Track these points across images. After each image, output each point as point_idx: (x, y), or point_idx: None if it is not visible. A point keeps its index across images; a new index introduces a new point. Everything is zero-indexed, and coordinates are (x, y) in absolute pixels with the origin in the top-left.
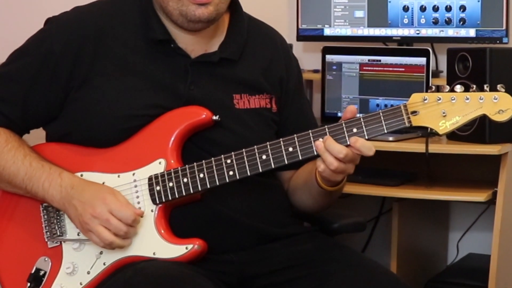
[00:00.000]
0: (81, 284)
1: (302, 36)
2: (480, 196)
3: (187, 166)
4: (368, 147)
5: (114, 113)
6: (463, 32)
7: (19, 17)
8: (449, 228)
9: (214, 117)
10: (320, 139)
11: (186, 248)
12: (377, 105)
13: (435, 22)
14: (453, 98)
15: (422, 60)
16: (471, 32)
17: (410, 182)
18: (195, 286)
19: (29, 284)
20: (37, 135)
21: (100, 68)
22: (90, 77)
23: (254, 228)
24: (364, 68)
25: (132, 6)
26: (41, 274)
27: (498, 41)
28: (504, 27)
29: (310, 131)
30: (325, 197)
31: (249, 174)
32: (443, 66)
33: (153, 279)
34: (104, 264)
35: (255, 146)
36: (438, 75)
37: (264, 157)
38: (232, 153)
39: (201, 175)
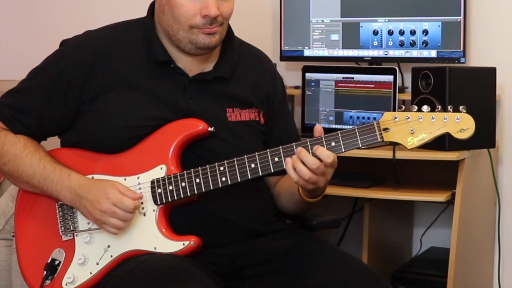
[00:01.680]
0: (91, 273)
1: (284, 57)
2: (440, 197)
3: (185, 171)
4: (326, 155)
5: (121, 124)
6: (425, 53)
7: (37, 37)
8: (414, 224)
9: (210, 129)
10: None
11: (183, 244)
12: (350, 117)
13: (401, 44)
14: (420, 117)
15: (390, 78)
16: (433, 53)
17: (379, 185)
18: (190, 275)
19: (45, 272)
20: (54, 142)
21: (108, 85)
22: (99, 93)
23: (243, 226)
24: (339, 84)
25: (136, 30)
26: (56, 263)
27: (456, 61)
28: (461, 49)
29: (294, 143)
30: (304, 205)
31: (239, 180)
32: (408, 83)
33: (153, 269)
34: (111, 256)
35: (245, 156)
36: (404, 91)
37: (253, 165)
38: (225, 161)
39: (197, 180)
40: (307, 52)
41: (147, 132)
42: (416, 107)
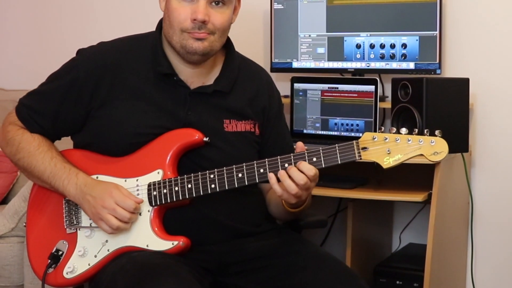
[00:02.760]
0: (89, 265)
1: (274, 68)
2: (418, 197)
3: (179, 177)
4: (309, 168)
5: (125, 130)
6: (404, 65)
7: (45, 51)
8: (393, 222)
9: (205, 139)
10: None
11: (173, 243)
12: (335, 123)
13: (382, 57)
14: (397, 139)
15: (371, 88)
16: (411, 65)
17: (362, 186)
18: (171, 271)
19: (49, 261)
20: (68, 142)
21: (116, 93)
22: (107, 100)
23: (231, 227)
24: (325, 94)
25: (145, 44)
26: (59, 254)
27: (432, 72)
28: (437, 61)
29: (278, 157)
30: (291, 214)
31: (227, 188)
32: (388, 92)
33: (140, 265)
34: (108, 250)
35: (234, 166)
36: (384, 100)
37: (240, 175)
38: (215, 170)
39: (189, 186)
40: (295, 64)
41: (149, 139)
42: (394, 129)
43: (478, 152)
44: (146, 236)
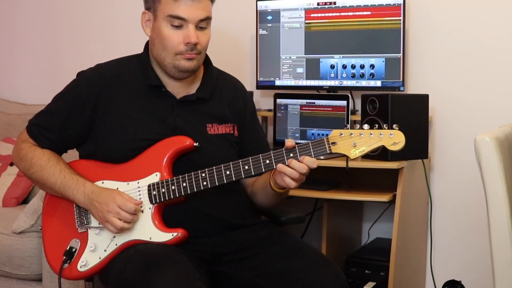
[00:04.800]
0: (100, 258)
1: (260, 85)
2: (384, 198)
3: (174, 177)
4: (312, 161)
5: (124, 138)
6: (372, 83)
7: (67, 68)
8: (363, 220)
9: (195, 144)
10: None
11: (172, 235)
12: (312, 134)
13: (353, 76)
14: (361, 134)
15: (343, 103)
16: (378, 83)
17: (336, 188)
18: (174, 260)
19: (64, 257)
20: (74, 154)
21: (114, 106)
22: (107, 113)
23: (222, 220)
24: (303, 108)
25: (135, 62)
26: (73, 250)
27: (397, 89)
28: (401, 80)
29: (260, 155)
30: (277, 197)
31: (217, 184)
32: (358, 106)
33: (145, 255)
34: (116, 244)
35: (222, 165)
36: (355, 113)
37: (228, 172)
38: (206, 169)
39: (184, 184)
40: (278, 82)
41: (145, 144)
42: (358, 125)
43: (436, 158)
44: (149, 230)
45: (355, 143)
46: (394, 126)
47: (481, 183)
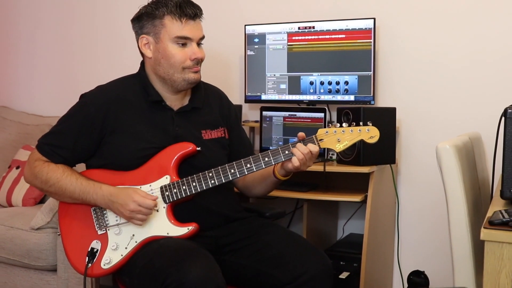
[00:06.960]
0: (121, 255)
1: (248, 100)
2: (357, 198)
3: (184, 179)
4: (313, 146)
5: (133, 149)
6: (346, 98)
7: (80, 83)
8: (338, 217)
9: (198, 148)
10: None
11: (188, 229)
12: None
13: (330, 91)
14: (343, 131)
15: (321, 115)
16: (352, 98)
17: (314, 189)
18: (201, 253)
19: (87, 258)
20: (81, 166)
21: (120, 122)
22: (115, 128)
23: (222, 213)
24: (286, 119)
25: (135, 81)
26: (94, 251)
27: (368, 103)
28: (372, 94)
29: (259, 154)
30: (275, 184)
31: (223, 181)
32: (334, 118)
33: (173, 249)
34: (135, 241)
35: (226, 164)
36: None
37: (232, 171)
38: (212, 169)
39: (194, 184)
40: (263, 97)
41: (151, 152)
42: (338, 124)
43: (402, 163)
44: (165, 226)
45: (339, 139)
46: (369, 123)
47: (442, 185)
